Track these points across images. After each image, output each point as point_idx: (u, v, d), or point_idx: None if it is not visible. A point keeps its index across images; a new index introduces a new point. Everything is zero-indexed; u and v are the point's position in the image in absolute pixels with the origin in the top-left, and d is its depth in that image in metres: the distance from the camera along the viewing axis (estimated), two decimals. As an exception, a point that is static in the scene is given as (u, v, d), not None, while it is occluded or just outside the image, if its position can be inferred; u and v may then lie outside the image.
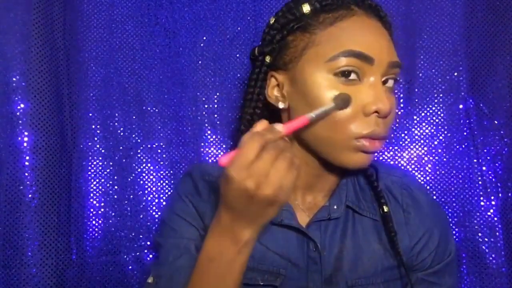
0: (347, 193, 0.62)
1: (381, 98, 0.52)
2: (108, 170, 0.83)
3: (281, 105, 0.58)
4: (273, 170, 0.44)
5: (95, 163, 0.82)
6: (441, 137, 0.83)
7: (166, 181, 0.85)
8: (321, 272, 0.60)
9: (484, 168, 0.82)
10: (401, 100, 0.84)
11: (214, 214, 0.52)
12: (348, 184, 0.63)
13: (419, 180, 0.84)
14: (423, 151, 0.83)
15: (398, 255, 0.59)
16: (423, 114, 0.83)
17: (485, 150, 0.83)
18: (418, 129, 0.84)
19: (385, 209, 0.60)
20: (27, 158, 0.72)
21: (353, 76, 0.53)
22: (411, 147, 0.84)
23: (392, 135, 0.84)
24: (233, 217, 0.49)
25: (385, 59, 0.53)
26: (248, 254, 0.51)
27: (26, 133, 0.72)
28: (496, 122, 0.82)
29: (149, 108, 0.84)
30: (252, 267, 0.60)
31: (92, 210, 0.81)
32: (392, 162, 0.85)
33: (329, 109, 0.51)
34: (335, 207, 0.61)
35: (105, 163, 0.82)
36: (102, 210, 0.82)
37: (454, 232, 0.82)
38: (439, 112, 0.83)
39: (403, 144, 0.84)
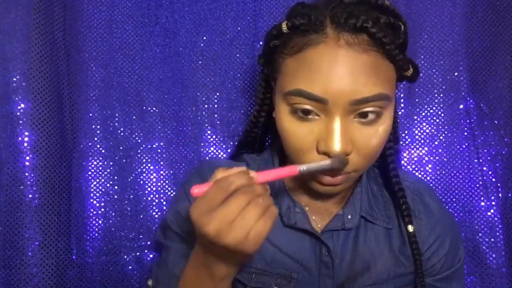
0: (361, 203, 0.61)
1: (330, 140, 0.48)
2: (108, 170, 0.82)
3: (274, 114, 0.56)
4: (240, 218, 0.40)
5: (95, 163, 0.82)
6: (441, 137, 0.83)
7: (166, 181, 0.85)
8: (332, 277, 0.60)
9: (484, 168, 0.82)
10: (401, 100, 0.84)
11: None
12: (363, 193, 0.62)
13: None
14: (423, 151, 0.83)
15: (419, 272, 0.57)
16: (423, 114, 0.83)
17: (486, 150, 0.82)
18: (418, 129, 0.83)
19: (410, 229, 0.57)
20: (27, 158, 0.72)
21: (304, 114, 0.49)
22: (411, 147, 0.84)
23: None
24: (205, 252, 0.48)
25: (344, 98, 0.47)
26: (227, 286, 0.50)
27: (26, 133, 0.72)
28: (496, 122, 0.82)
29: (149, 108, 0.84)
30: (264, 270, 0.60)
31: (92, 210, 0.81)
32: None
33: (324, 166, 0.48)
34: (349, 216, 0.60)
35: (105, 163, 0.82)
36: (102, 210, 0.82)
37: (454, 232, 0.82)
38: (439, 112, 0.83)
39: (403, 144, 0.83)
